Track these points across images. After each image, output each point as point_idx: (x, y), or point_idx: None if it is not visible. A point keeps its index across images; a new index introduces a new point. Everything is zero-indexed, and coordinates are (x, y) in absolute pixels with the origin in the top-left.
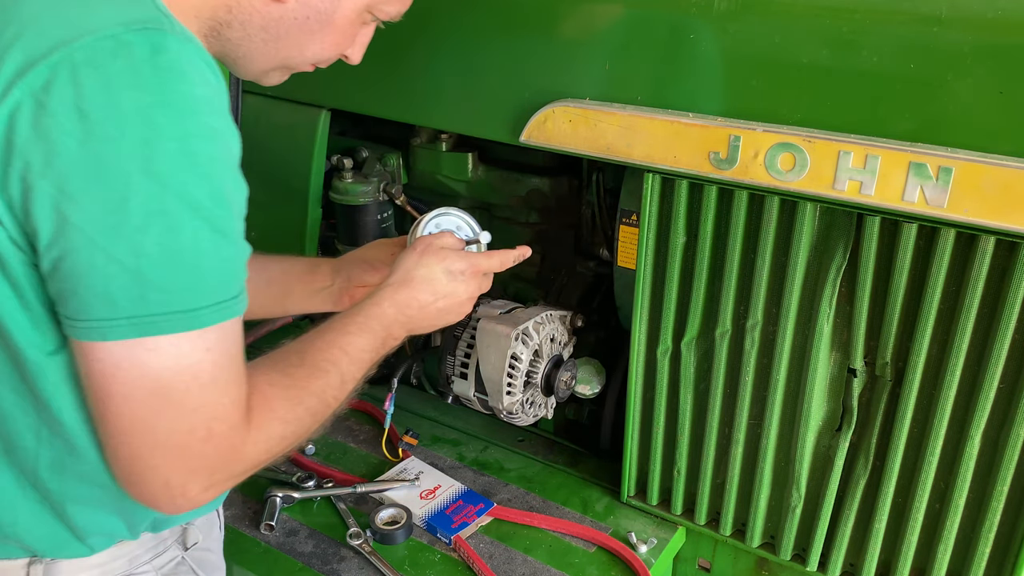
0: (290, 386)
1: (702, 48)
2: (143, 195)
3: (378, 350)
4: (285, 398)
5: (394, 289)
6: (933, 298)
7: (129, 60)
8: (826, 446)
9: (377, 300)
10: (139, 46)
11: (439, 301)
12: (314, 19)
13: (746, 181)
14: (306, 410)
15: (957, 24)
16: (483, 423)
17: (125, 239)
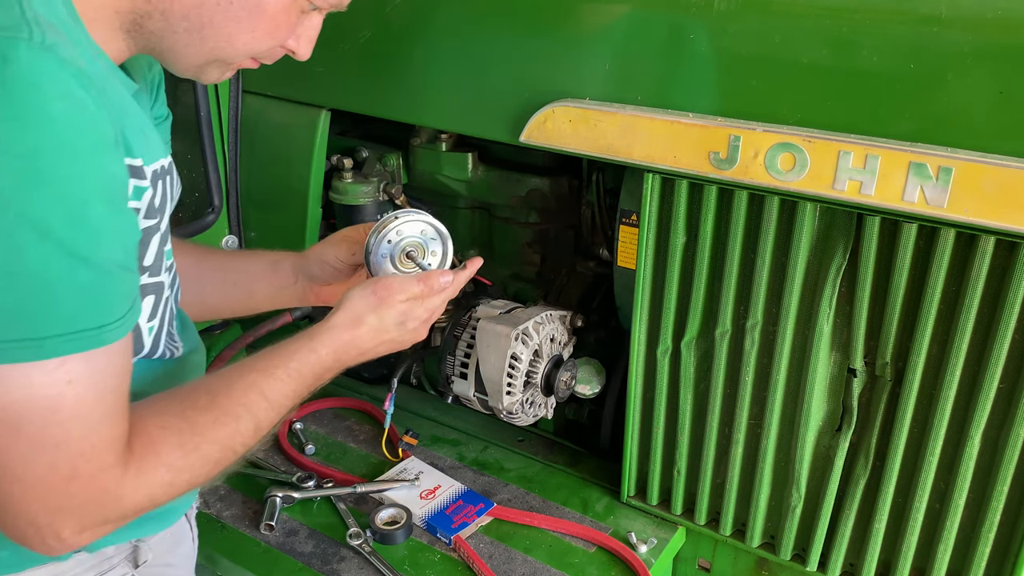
0: (186, 431)
1: (702, 48)
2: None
3: (304, 394)
4: (178, 444)
5: (337, 333)
6: (933, 298)
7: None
8: (826, 446)
9: (315, 346)
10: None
11: (381, 345)
12: (238, 5)
13: (746, 181)
14: (202, 458)
15: (957, 24)
16: (483, 423)
17: None
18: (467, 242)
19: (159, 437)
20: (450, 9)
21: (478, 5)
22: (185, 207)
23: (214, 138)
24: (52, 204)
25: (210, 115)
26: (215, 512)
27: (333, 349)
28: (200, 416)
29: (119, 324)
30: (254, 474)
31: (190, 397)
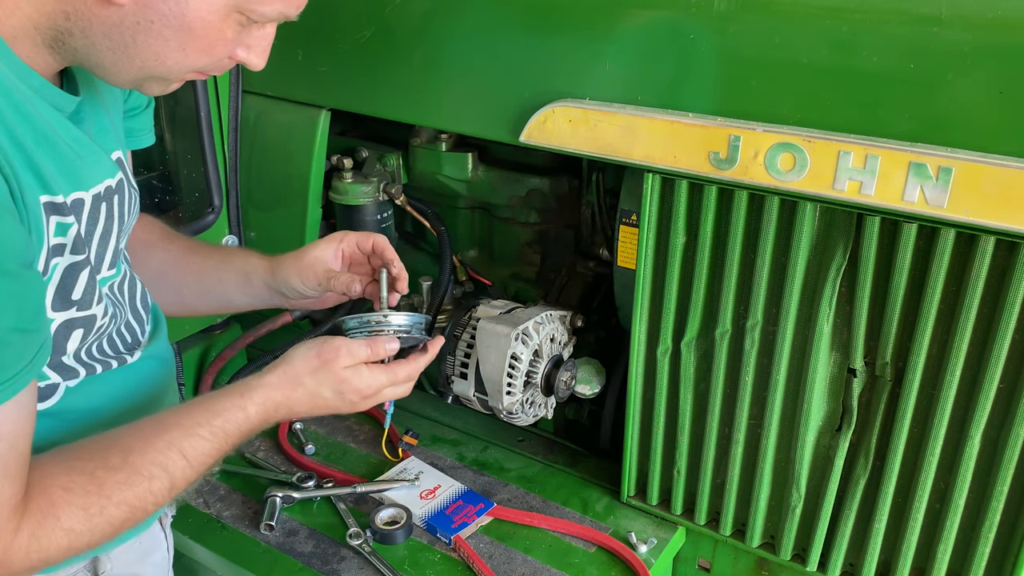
0: (93, 493)
1: (702, 48)
2: None
3: (227, 452)
4: (81, 507)
5: (270, 392)
6: (933, 298)
7: None
8: (826, 446)
9: (244, 403)
10: None
11: (316, 409)
12: (160, 24)
13: (746, 181)
14: (107, 521)
15: (957, 24)
16: (483, 423)
17: None
18: (467, 242)
19: (61, 500)
20: (450, 9)
21: (478, 5)
22: (185, 207)
23: (214, 138)
24: None
25: (210, 115)
26: (215, 512)
27: (263, 408)
28: (110, 476)
29: (9, 384)
30: (254, 474)
31: (102, 454)
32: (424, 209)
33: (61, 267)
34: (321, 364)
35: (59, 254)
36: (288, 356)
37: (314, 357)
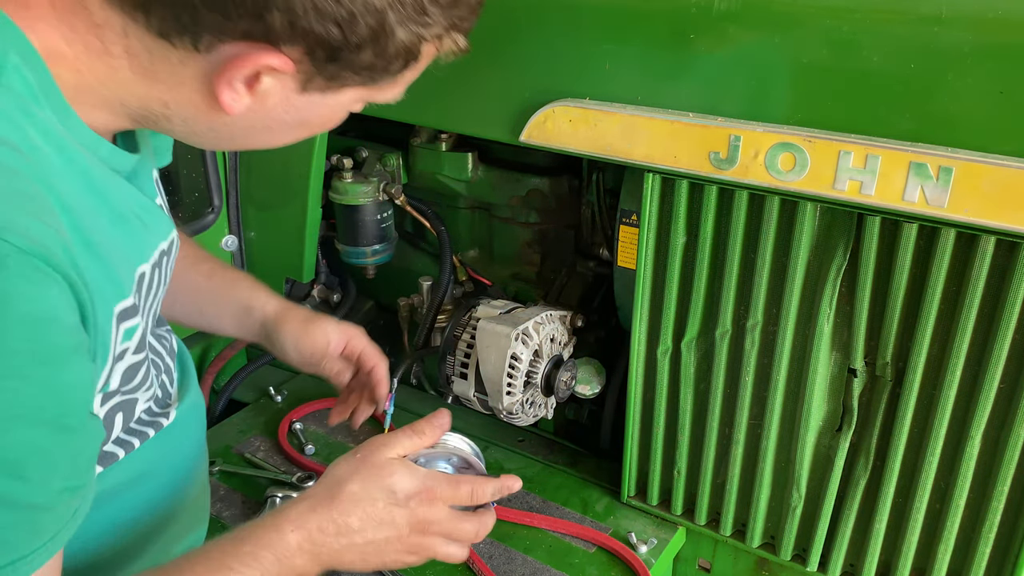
0: None
1: (702, 48)
2: None
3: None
4: None
5: (308, 506)
6: (933, 298)
7: None
8: (826, 446)
9: (278, 523)
10: None
11: (369, 531)
12: (277, 126)
13: (746, 181)
14: None
15: (957, 24)
16: (483, 423)
17: None
18: (467, 242)
19: None
20: None
21: None
22: (185, 207)
23: None
24: None
25: None
26: (215, 512)
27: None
28: None
29: (48, 546)
30: (254, 474)
31: None
32: (424, 209)
33: (119, 371)
34: (361, 459)
35: (121, 359)
36: (328, 470)
37: (351, 457)
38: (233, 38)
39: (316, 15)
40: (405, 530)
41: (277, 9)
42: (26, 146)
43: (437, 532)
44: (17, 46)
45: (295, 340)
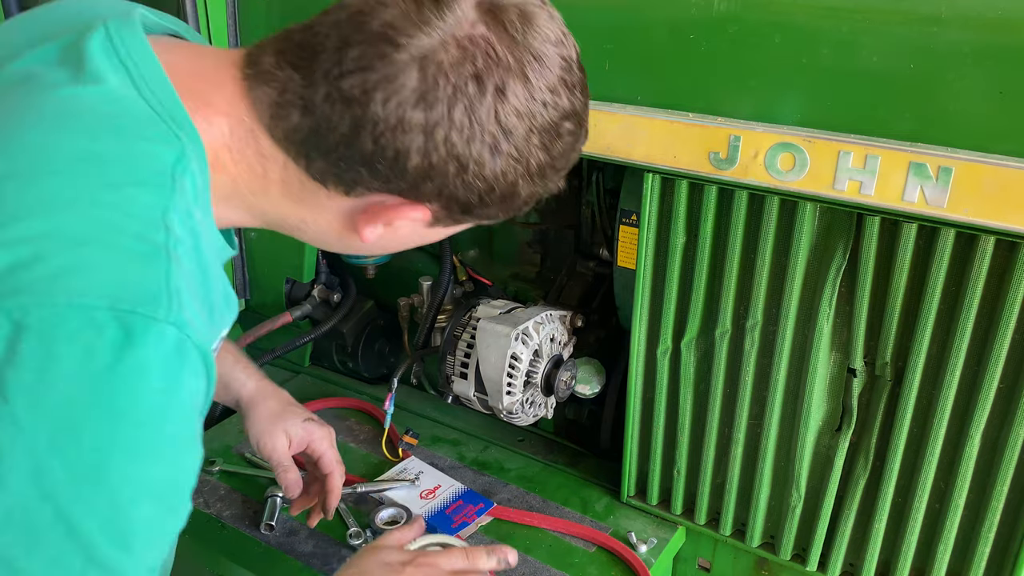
0: None
1: (702, 48)
2: (15, 497)
3: None
4: None
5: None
6: (933, 298)
7: (88, 347)
8: (826, 446)
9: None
10: (111, 335)
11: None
12: (397, 245)
13: (746, 181)
14: None
15: (957, 24)
16: (483, 423)
17: None
18: (467, 242)
19: None
20: None
21: None
22: None
23: None
24: (99, 506)
25: None
26: (215, 512)
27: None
28: None
29: None
30: (254, 474)
31: None
32: None
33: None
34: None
35: None
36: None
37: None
38: (383, 192)
39: (462, 186)
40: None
41: (431, 180)
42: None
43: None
44: (197, 151)
45: (257, 435)
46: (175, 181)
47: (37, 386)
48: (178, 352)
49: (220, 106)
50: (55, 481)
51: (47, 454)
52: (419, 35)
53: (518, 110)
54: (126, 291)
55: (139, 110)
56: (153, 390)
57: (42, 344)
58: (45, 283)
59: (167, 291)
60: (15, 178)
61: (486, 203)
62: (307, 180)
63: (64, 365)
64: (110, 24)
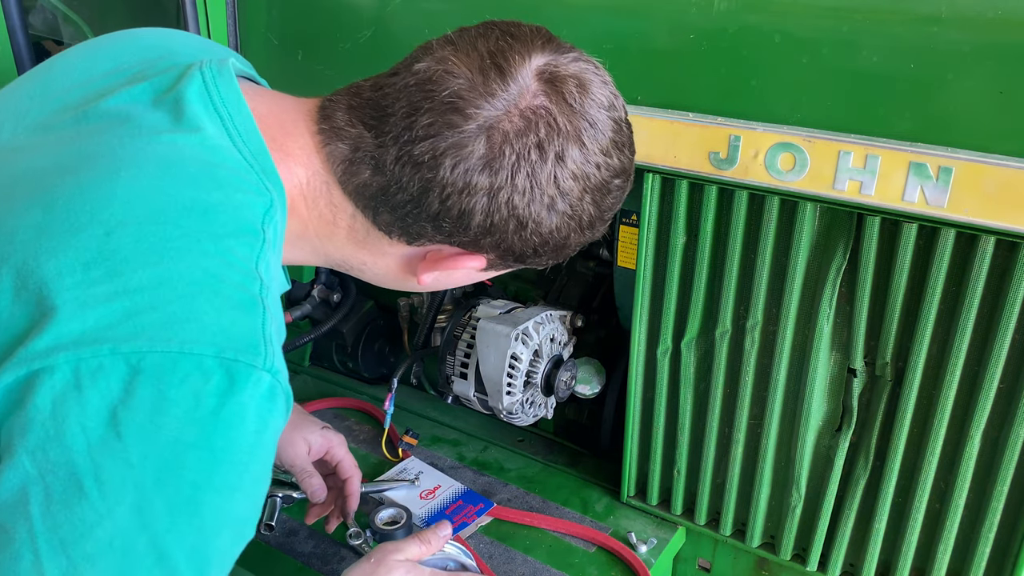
0: None
1: (702, 48)
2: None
3: None
4: None
5: None
6: (933, 298)
7: (196, 392)
8: (826, 446)
9: None
10: (216, 381)
11: None
12: (449, 285)
13: (746, 181)
14: None
15: (957, 24)
16: (483, 423)
17: (65, 556)
18: None
19: None
20: (449, 9)
21: (477, 5)
22: None
23: None
24: (188, 536)
25: None
26: None
27: None
28: None
29: None
30: None
31: None
32: None
33: None
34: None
35: None
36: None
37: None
38: (445, 244)
39: (519, 241)
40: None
41: (491, 235)
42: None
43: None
44: (281, 201)
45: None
46: (264, 232)
47: (149, 426)
48: (270, 397)
49: (299, 156)
50: (155, 514)
51: (152, 489)
52: (485, 105)
53: (574, 173)
54: (230, 340)
55: (235, 161)
56: (248, 432)
57: (156, 388)
58: (160, 330)
59: (263, 340)
60: (131, 225)
61: (539, 254)
62: (373, 229)
63: (174, 408)
64: (206, 71)
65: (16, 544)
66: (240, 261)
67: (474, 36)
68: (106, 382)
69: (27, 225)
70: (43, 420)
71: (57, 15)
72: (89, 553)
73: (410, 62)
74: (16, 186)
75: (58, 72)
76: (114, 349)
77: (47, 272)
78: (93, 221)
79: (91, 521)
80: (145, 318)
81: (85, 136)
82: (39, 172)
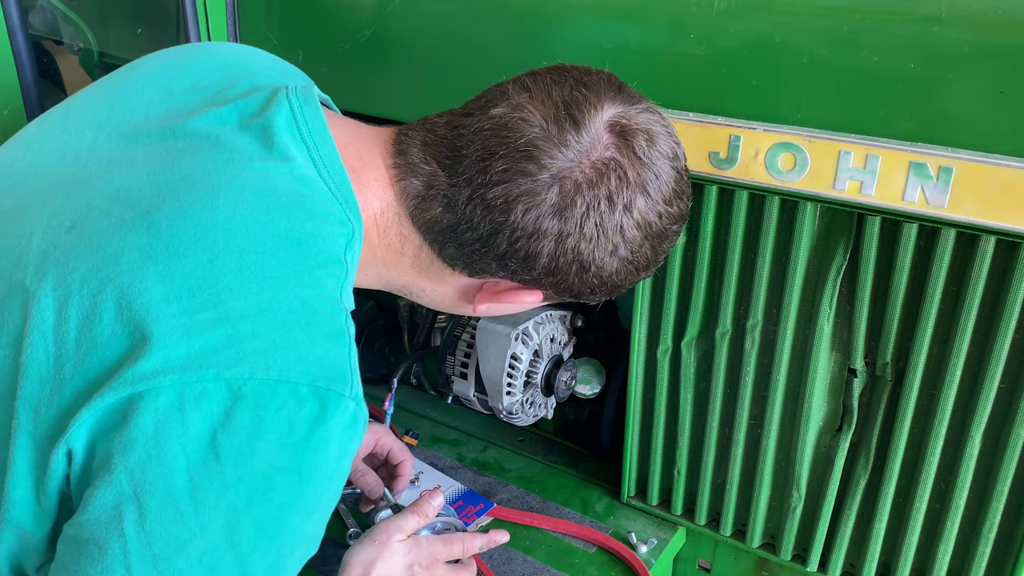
0: None
1: (702, 48)
2: (208, 544)
3: None
4: None
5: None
6: (933, 298)
7: (290, 418)
8: (826, 446)
9: None
10: (309, 408)
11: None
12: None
13: (746, 181)
14: None
15: (957, 24)
16: (483, 423)
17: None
18: None
19: None
20: (450, 9)
21: (478, 5)
22: None
23: None
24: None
25: None
26: None
27: None
28: None
29: None
30: None
31: None
32: None
33: None
34: (380, 547)
35: None
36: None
37: (370, 544)
38: (505, 278)
39: (580, 283)
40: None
41: (552, 276)
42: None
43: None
44: (359, 231)
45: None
46: (347, 263)
47: (246, 450)
48: (353, 424)
49: (375, 188)
50: (244, 533)
51: (243, 510)
52: (559, 155)
53: (638, 222)
54: (323, 369)
55: (321, 192)
56: (332, 457)
57: (255, 413)
58: (260, 357)
59: (350, 369)
60: (233, 253)
61: (595, 292)
62: (437, 260)
63: (270, 433)
64: (293, 99)
65: (109, 559)
66: (328, 292)
67: (549, 84)
68: (209, 406)
69: (132, 247)
70: (145, 440)
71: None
72: (180, 568)
73: (485, 105)
74: (115, 202)
75: (135, 83)
76: (218, 375)
77: (154, 296)
78: (196, 247)
79: (184, 538)
80: (247, 345)
81: (176, 156)
82: (137, 191)
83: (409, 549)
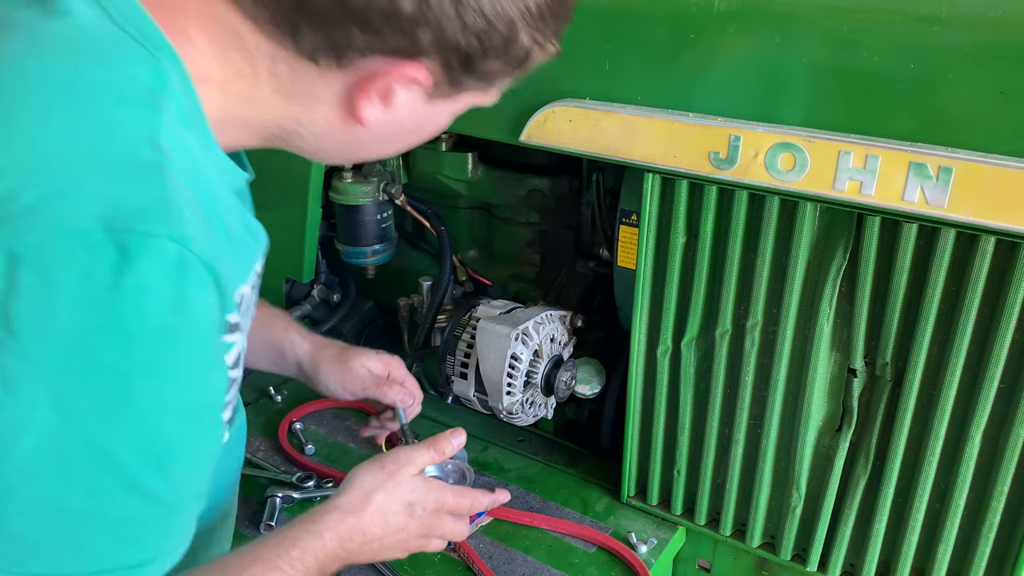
0: None
1: (702, 48)
2: (42, 432)
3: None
4: None
5: (341, 516)
6: (933, 298)
7: (85, 272)
8: (826, 446)
9: (318, 529)
10: (106, 256)
11: (387, 537)
12: (399, 135)
13: (746, 181)
14: None
15: (957, 24)
16: (483, 423)
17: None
18: (467, 242)
19: None
20: None
21: None
22: None
23: None
24: (127, 430)
25: None
26: None
27: (337, 533)
28: None
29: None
30: (254, 474)
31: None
32: (424, 209)
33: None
34: (387, 476)
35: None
36: (353, 477)
37: (379, 470)
38: (377, 54)
39: (460, 29)
40: (412, 535)
41: (427, 25)
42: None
43: (436, 535)
44: (177, 71)
45: (338, 378)
46: (160, 102)
47: (41, 316)
48: (180, 267)
49: (193, 14)
50: (79, 410)
51: (65, 383)
52: None
53: None
54: (119, 210)
55: (113, 35)
56: (159, 308)
57: (39, 273)
58: (34, 211)
59: (163, 206)
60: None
61: (487, 51)
62: (297, 63)
63: (64, 292)
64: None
65: None
66: (128, 131)
67: None
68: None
69: None
70: None
71: None
72: (21, 465)
73: None
74: None
75: None
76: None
77: None
78: None
79: (14, 428)
80: (17, 201)
81: None
82: None
83: (416, 487)
